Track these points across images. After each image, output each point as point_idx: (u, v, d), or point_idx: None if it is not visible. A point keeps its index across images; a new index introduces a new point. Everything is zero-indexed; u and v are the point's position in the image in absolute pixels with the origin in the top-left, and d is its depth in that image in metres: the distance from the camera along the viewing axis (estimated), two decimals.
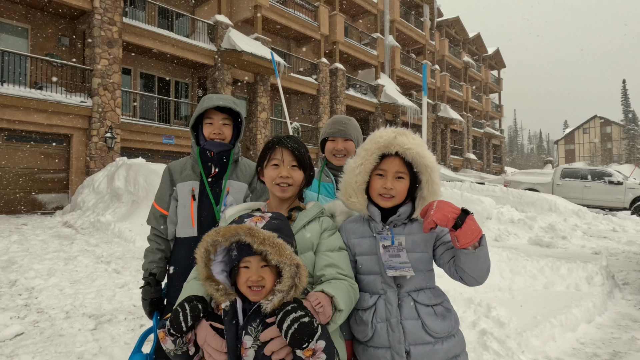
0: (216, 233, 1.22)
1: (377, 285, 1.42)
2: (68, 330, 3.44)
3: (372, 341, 1.40)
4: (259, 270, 1.20)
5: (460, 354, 1.42)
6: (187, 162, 1.96)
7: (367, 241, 1.45)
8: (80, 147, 12.43)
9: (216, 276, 1.25)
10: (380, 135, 1.44)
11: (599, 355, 3.39)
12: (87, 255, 6.04)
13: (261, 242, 1.17)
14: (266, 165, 1.50)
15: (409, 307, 1.38)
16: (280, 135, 1.53)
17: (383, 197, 1.42)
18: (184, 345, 1.19)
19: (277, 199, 1.50)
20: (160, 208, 1.93)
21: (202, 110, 1.85)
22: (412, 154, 1.41)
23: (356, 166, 1.45)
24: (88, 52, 12.67)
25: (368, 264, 1.44)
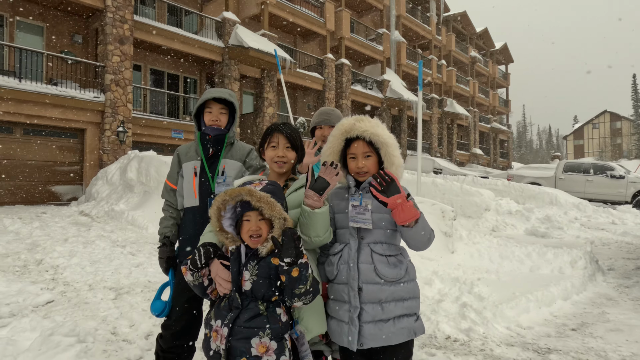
0: (225, 194, 1.63)
1: (346, 236, 1.78)
2: (92, 299, 3.88)
3: (336, 279, 1.77)
4: (257, 222, 1.61)
5: (408, 299, 1.74)
6: (192, 145, 2.38)
7: (343, 203, 1.82)
8: (94, 140, 12.93)
9: (226, 228, 1.67)
10: (342, 123, 1.81)
11: (567, 325, 3.74)
12: (103, 239, 6.49)
13: (257, 200, 1.57)
14: (267, 147, 1.91)
15: (366, 254, 1.73)
16: (277, 123, 1.94)
17: (359, 174, 1.79)
18: (199, 278, 1.62)
19: (275, 173, 1.92)
20: (171, 184, 2.36)
21: (202, 101, 2.27)
22: (369, 135, 1.75)
23: (327, 149, 1.84)
24: (100, 49, 13.15)
25: (341, 219, 1.80)
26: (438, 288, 4.49)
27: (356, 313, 1.69)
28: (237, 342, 1.51)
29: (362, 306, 1.70)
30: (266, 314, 1.55)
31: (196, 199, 2.23)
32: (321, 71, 21.14)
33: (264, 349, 1.50)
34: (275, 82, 18.24)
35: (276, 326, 1.54)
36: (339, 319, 1.74)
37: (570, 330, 3.59)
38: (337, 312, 1.75)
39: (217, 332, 1.56)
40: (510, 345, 3.23)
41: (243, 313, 1.54)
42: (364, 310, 1.70)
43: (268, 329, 1.52)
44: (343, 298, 1.74)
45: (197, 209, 2.23)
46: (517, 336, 3.42)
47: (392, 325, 1.69)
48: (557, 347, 3.19)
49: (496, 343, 3.24)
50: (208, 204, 2.22)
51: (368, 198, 1.77)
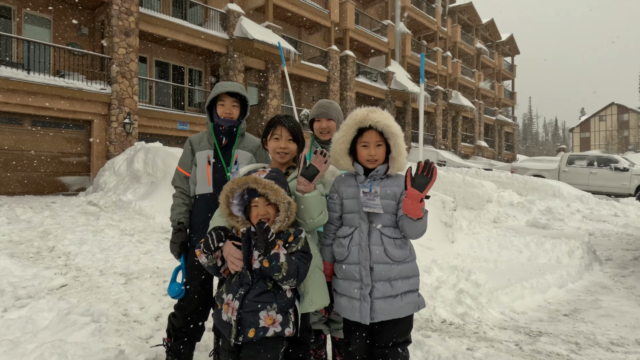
0: (232, 183, 1.81)
1: (355, 220, 1.94)
2: (103, 284, 4.06)
3: (347, 259, 1.92)
4: (265, 207, 1.78)
5: (411, 277, 1.93)
6: (204, 135, 2.51)
7: (352, 189, 1.97)
8: (101, 132, 13.12)
9: (235, 213, 1.84)
10: (357, 113, 1.95)
11: (560, 310, 3.87)
12: (112, 228, 6.68)
13: (263, 187, 1.74)
14: (270, 138, 2.05)
15: (376, 237, 1.89)
16: (280, 115, 2.08)
17: (370, 162, 1.93)
18: (213, 259, 1.78)
19: (277, 162, 2.06)
20: (184, 171, 2.49)
21: (215, 95, 2.39)
22: (381, 125, 1.90)
23: (339, 137, 1.98)
24: (107, 42, 13.28)
25: (350, 205, 1.96)
26: (437, 276, 4.63)
27: (368, 290, 1.86)
28: (246, 315, 1.69)
29: (373, 284, 1.86)
30: (273, 290, 1.72)
31: (210, 186, 2.37)
32: (325, 63, 21.16)
33: (270, 321, 1.68)
34: (279, 74, 18.31)
35: (282, 301, 1.72)
36: (350, 296, 1.90)
37: (562, 316, 3.72)
38: (348, 290, 1.91)
39: (228, 304, 1.72)
40: (503, 328, 3.37)
41: (253, 289, 1.72)
42: (375, 287, 1.86)
43: (275, 304, 1.70)
44: (354, 277, 1.90)
45: (210, 196, 2.37)
46: (510, 320, 3.56)
47: (400, 300, 1.87)
48: (548, 330, 3.33)
49: (489, 326, 3.39)
50: None
51: (377, 185, 1.93)
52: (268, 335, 1.67)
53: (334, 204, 2.02)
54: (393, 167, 1.95)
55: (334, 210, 2.02)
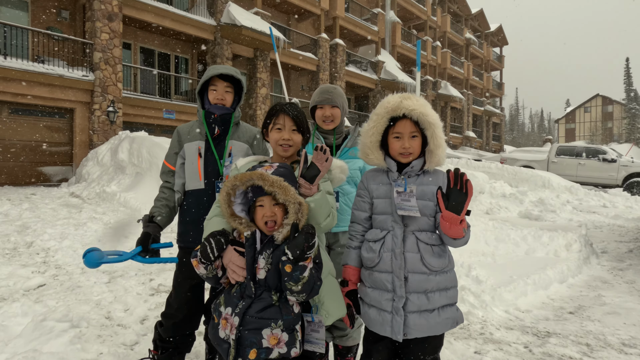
0: (234, 179, 1.55)
1: (388, 223, 1.71)
2: (85, 283, 3.80)
3: (378, 267, 1.69)
4: (271, 208, 1.53)
5: (450, 288, 1.70)
6: (194, 124, 2.25)
7: (383, 187, 1.74)
8: (83, 120, 12.66)
9: (238, 213, 1.59)
10: (389, 100, 1.71)
11: (564, 308, 3.75)
12: (95, 222, 6.38)
13: (270, 184, 1.49)
14: (271, 129, 1.80)
15: (412, 243, 1.66)
16: (282, 103, 1.83)
17: (403, 155, 1.70)
18: (213, 270, 1.53)
19: (279, 156, 1.82)
20: (169, 164, 2.25)
21: (207, 78, 2.13)
22: (416, 114, 1.65)
23: (369, 128, 1.74)
24: (88, 26, 12.76)
25: (382, 205, 1.73)
26: None
27: (401, 303, 1.64)
28: (247, 333, 1.46)
29: (407, 296, 1.65)
30: (279, 304, 1.49)
31: (201, 181, 2.13)
32: (315, 51, 20.79)
33: (275, 340, 1.45)
34: (268, 62, 17.91)
35: (288, 317, 1.49)
36: (381, 308, 1.68)
37: (568, 314, 3.60)
38: (378, 301, 1.69)
39: (227, 320, 1.50)
40: (510, 328, 3.22)
41: (255, 302, 1.48)
42: (409, 300, 1.65)
43: (280, 320, 1.47)
44: (386, 287, 1.67)
45: (202, 191, 2.14)
46: (515, 320, 3.42)
47: (437, 316, 1.65)
48: (556, 330, 3.19)
49: (495, 327, 3.24)
50: (215, 187, 2.12)
51: (412, 183, 1.70)
52: (272, 357, 1.44)
53: (363, 202, 1.80)
54: (430, 162, 1.71)
55: (362, 210, 1.80)
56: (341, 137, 2.34)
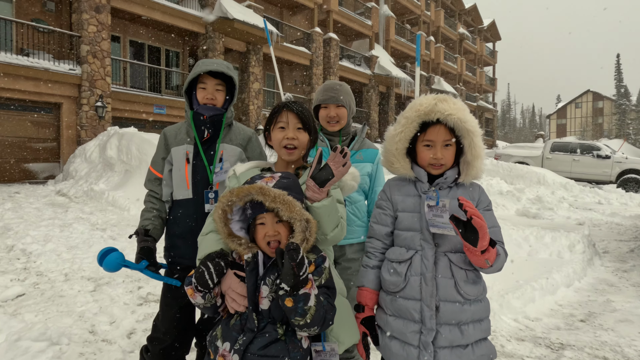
0: (230, 194, 1.33)
1: (415, 241, 1.49)
2: (68, 292, 3.56)
3: (404, 292, 1.47)
4: (274, 226, 1.32)
5: (484, 319, 1.49)
6: (182, 126, 2.02)
7: (411, 199, 1.53)
8: (71, 116, 12.28)
9: (236, 232, 1.37)
10: (421, 102, 1.48)
11: (575, 315, 3.59)
12: (82, 222, 6.11)
13: (272, 199, 1.27)
14: (273, 129, 1.58)
15: (445, 266, 1.44)
16: (285, 100, 1.62)
17: (434, 166, 1.49)
18: (212, 299, 1.31)
19: (283, 161, 1.60)
20: (155, 171, 2.01)
21: (195, 75, 1.90)
22: (453, 120, 1.44)
23: (396, 134, 1.52)
24: (75, 18, 12.35)
25: (409, 220, 1.51)
26: None
27: (431, 336, 1.43)
28: None
29: (438, 328, 1.43)
30: (284, 339, 1.27)
31: (189, 189, 1.91)
32: (308, 46, 20.49)
33: None
34: (261, 56, 17.59)
35: (296, 354, 1.26)
36: (405, 342, 1.46)
37: (579, 322, 3.44)
38: (402, 333, 1.47)
39: (224, 357, 1.27)
40: (521, 340, 3.05)
41: (258, 337, 1.26)
42: (440, 333, 1.43)
43: (287, 358, 1.25)
44: (412, 316, 1.46)
45: (190, 201, 1.91)
46: (526, 329, 3.25)
47: (472, 353, 1.43)
48: (570, 341, 3.03)
49: (506, 338, 3.06)
50: (205, 197, 1.90)
51: (445, 196, 1.49)
52: None
53: (384, 215, 1.58)
54: (467, 175, 1.50)
55: (384, 224, 1.58)
56: (348, 139, 2.12)
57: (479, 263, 1.37)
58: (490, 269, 1.40)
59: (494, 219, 1.52)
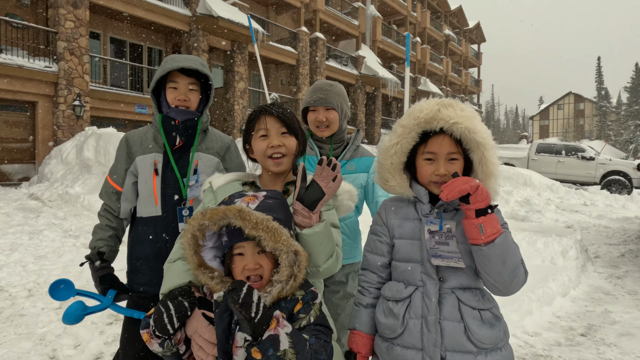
0: (202, 216, 1.08)
1: (416, 275, 1.24)
2: (30, 310, 3.25)
3: (401, 339, 1.22)
4: (255, 257, 1.08)
5: None
6: (148, 131, 1.75)
7: (410, 224, 1.28)
8: (47, 115, 11.80)
9: (209, 263, 1.13)
10: (421, 108, 1.23)
11: (574, 329, 3.42)
12: (54, 229, 5.76)
13: (253, 226, 1.03)
14: (254, 139, 1.33)
15: (452, 306, 1.19)
16: (261, 105, 1.36)
17: (436, 184, 1.23)
18: (173, 347, 1.06)
19: (271, 175, 1.35)
20: (114, 183, 1.72)
21: (164, 72, 1.64)
22: (460, 130, 1.18)
23: (391, 145, 1.27)
24: (51, 13, 11.86)
25: (407, 249, 1.27)
26: None
27: None
28: None
29: None
30: None
31: (157, 206, 1.65)
32: (295, 45, 20.23)
33: None
34: (246, 55, 17.26)
35: None
36: None
37: (579, 336, 3.27)
38: None
39: None
40: (522, 358, 2.86)
41: None
42: None
43: None
44: None
45: (158, 220, 1.65)
46: (526, 346, 3.06)
47: None
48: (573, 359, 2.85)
49: None
50: (178, 214, 1.64)
51: (450, 219, 1.24)
52: None
53: (380, 243, 1.33)
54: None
55: (379, 253, 1.33)
56: (340, 147, 1.89)
57: (473, 233, 1.13)
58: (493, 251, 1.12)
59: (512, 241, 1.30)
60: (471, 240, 1.15)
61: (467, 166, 1.26)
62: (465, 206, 1.13)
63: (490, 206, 1.15)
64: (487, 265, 1.15)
